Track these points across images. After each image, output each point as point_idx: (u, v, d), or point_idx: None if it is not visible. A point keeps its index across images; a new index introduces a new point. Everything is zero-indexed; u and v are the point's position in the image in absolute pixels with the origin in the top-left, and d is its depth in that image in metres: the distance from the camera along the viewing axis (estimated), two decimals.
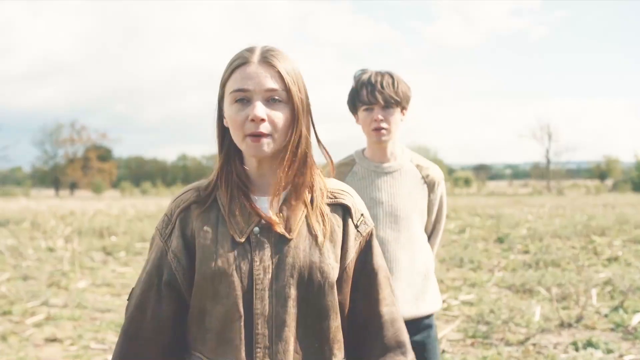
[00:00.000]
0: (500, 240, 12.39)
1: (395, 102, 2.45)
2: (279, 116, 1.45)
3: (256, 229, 1.46)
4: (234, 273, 1.43)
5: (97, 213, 22.92)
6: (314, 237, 1.48)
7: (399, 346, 1.55)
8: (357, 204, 1.58)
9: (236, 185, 1.50)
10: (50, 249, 12.00)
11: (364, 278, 1.55)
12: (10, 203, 33.95)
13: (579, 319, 5.82)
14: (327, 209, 1.52)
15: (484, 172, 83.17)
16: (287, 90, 1.45)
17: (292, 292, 1.44)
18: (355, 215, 1.56)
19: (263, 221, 1.46)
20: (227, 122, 1.49)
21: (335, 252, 1.50)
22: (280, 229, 1.45)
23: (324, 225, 1.50)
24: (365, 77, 2.50)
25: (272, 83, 1.44)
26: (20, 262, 10.31)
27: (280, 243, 1.46)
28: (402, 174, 2.53)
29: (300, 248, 1.46)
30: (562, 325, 5.73)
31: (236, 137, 1.47)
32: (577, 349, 4.94)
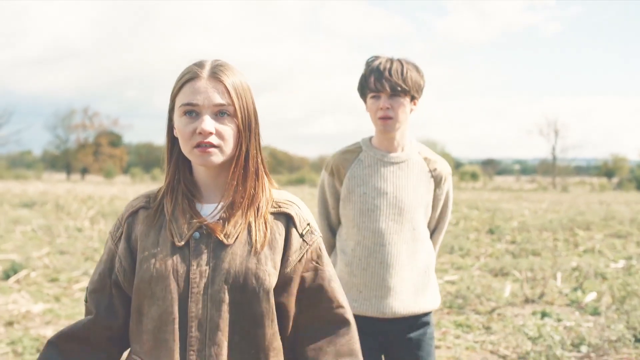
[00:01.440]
0: (491, 231, 13.42)
1: (403, 90, 2.39)
2: (227, 129, 1.49)
3: (196, 234, 1.50)
4: (171, 276, 1.47)
5: (113, 198, 24.06)
6: (253, 244, 1.50)
7: (350, 354, 1.59)
8: (302, 213, 1.61)
9: (182, 192, 1.55)
10: (79, 229, 13.12)
11: (315, 286, 1.58)
12: (26, 185, 35.11)
13: (541, 296, 6.88)
14: (269, 217, 1.56)
15: (492, 166, 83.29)
16: (234, 105, 1.50)
17: (227, 297, 1.47)
18: (300, 224, 1.58)
19: (204, 227, 1.50)
20: (177, 133, 1.53)
21: (274, 260, 1.52)
22: (219, 234, 1.49)
23: (264, 233, 1.53)
24: (375, 63, 2.44)
25: (220, 98, 1.48)
26: (53, 239, 11.44)
27: (218, 248, 1.49)
28: (409, 165, 2.49)
29: (237, 254, 1.49)
30: (527, 301, 6.79)
31: (185, 148, 1.51)
32: (533, 318, 5.99)
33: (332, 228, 2.63)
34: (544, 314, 6.08)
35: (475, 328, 5.66)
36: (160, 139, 1.62)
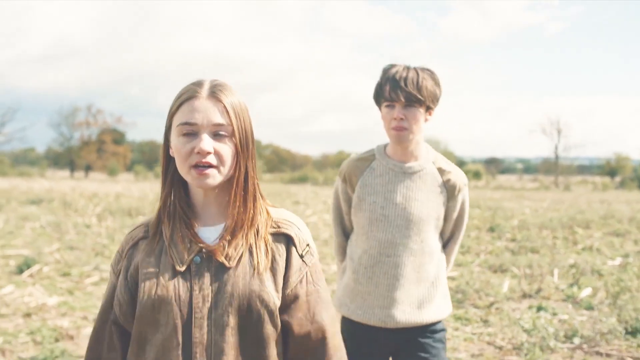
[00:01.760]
0: (491, 229, 13.63)
1: (418, 100, 2.35)
2: (226, 149, 1.47)
3: (197, 258, 1.48)
4: (173, 302, 1.45)
5: (119, 195, 24.30)
6: (255, 266, 1.49)
7: None
8: (302, 234, 1.59)
9: (179, 215, 1.53)
10: (87, 226, 13.37)
11: (316, 311, 1.57)
12: (30, 183, 35.36)
13: (538, 291, 7.10)
14: (269, 238, 1.55)
15: (495, 165, 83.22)
16: (232, 125, 1.48)
17: (231, 320, 1.45)
18: (300, 245, 1.57)
19: (204, 250, 1.49)
20: (173, 152, 1.51)
21: (276, 281, 1.52)
22: (220, 257, 1.48)
23: (265, 254, 1.52)
24: (391, 71, 2.40)
25: (219, 118, 1.47)
26: (62, 236, 11.69)
27: (220, 272, 1.47)
28: (422, 176, 2.45)
29: (240, 277, 1.47)
30: (524, 296, 7.02)
31: (182, 168, 1.49)
32: (529, 312, 6.22)
33: (346, 233, 2.63)
34: (539, 308, 6.31)
35: (473, 321, 5.89)
36: (161, 137, 1.58)
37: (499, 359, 4.82)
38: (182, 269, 1.48)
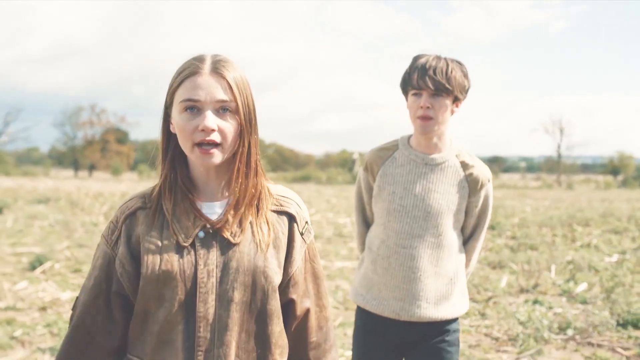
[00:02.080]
0: (492, 227, 13.84)
1: (446, 90, 2.31)
2: (229, 126, 1.46)
3: (201, 233, 1.48)
4: (178, 276, 1.45)
5: (124, 194, 24.56)
6: (259, 243, 1.49)
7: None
8: (302, 211, 1.61)
9: (180, 191, 1.52)
10: (94, 224, 13.62)
11: (312, 287, 1.62)
12: (35, 182, 35.66)
13: (535, 286, 7.33)
14: (272, 216, 1.56)
15: (498, 164, 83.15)
16: (236, 101, 1.47)
17: (236, 295, 1.46)
18: (300, 222, 1.59)
19: (208, 226, 1.48)
20: (175, 129, 1.50)
21: (279, 258, 1.53)
22: (226, 233, 1.48)
23: (268, 231, 1.52)
24: (421, 60, 2.37)
25: (222, 94, 1.45)
26: (71, 234, 11.94)
27: (225, 247, 1.47)
28: (444, 169, 2.42)
29: (244, 252, 1.47)
30: (522, 291, 7.24)
31: (185, 145, 1.48)
32: (525, 305, 6.45)
33: (367, 223, 2.63)
34: (535, 302, 6.53)
35: (471, 314, 6.11)
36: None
37: (495, 350, 5.05)
38: (187, 243, 1.47)
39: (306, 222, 1.62)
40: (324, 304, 1.65)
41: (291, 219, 1.58)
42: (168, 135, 1.54)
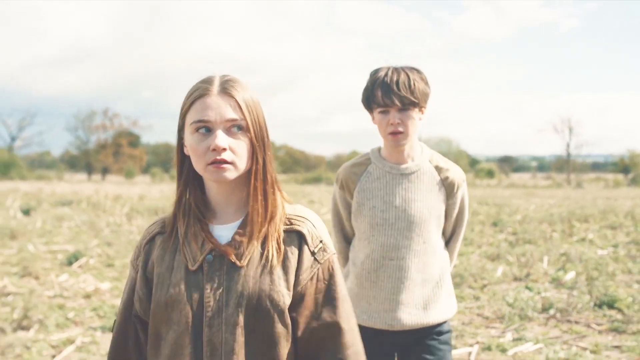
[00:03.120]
0: (494, 224, 14.55)
1: (412, 103, 2.33)
2: (240, 144, 1.48)
3: (209, 256, 1.49)
4: (185, 300, 1.47)
5: (141, 197, 25.43)
6: (266, 265, 1.49)
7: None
8: (315, 230, 1.58)
9: (193, 213, 1.54)
10: (118, 224, 14.45)
11: (325, 309, 1.54)
12: (51, 186, 36.55)
13: (527, 275, 8.06)
14: (282, 235, 1.54)
15: (509, 163, 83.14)
16: (246, 119, 1.49)
17: (241, 319, 1.46)
18: (313, 242, 1.56)
19: (216, 249, 1.50)
20: (188, 151, 1.52)
21: (288, 280, 1.51)
22: (232, 256, 1.48)
23: (277, 252, 1.51)
24: (380, 75, 2.37)
25: (232, 113, 1.47)
26: (98, 233, 12.77)
27: (231, 271, 1.48)
28: (419, 176, 2.44)
29: (250, 275, 1.48)
30: (515, 279, 7.97)
31: (198, 165, 1.49)
32: (516, 291, 7.18)
33: (347, 239, 2.64)
34: (526, 288, 7.26)
35: (466, 298, 6.86)
36: (175, 139, 1.59)
37: (485, 326, 5.79)
38: (194, 267, 1.49)
39: (320, 241, 1.57)
40: (342, 327, 1.54)
41: (301, 238, 1.55)
42: (182, 158, 1.57)
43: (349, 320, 1.57)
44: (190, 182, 1.57)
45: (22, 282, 7.71)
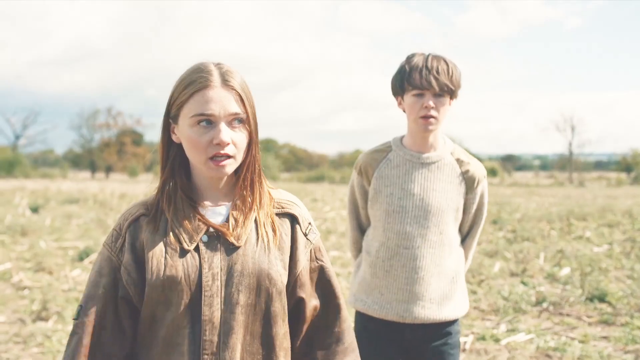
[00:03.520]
0: (494, 221, 14.82)
1: (449, 90, 2.34)
2: (241, 137, 1.50)
3: (204, 237, 1.49)
4: (183, 281, 1.46)
5: (147, 194, 25.65)
6: (263, 245, 1.51)
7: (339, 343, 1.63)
8: (304, 213, 1.63)
9: (181, 198, 1.53)
10: None
11: (323, 284, 1.63)
12: (56, 184, 36.82)
13: (523, 271, 8.34)
14: (275, 218, 1.57)
15: (512, 162, 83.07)
16: (246, 112, 1.50)
17: (241, 298, 1.47)
18: (303, 223, 1.61)
19: (211, 229, 1.50)
20: (184, 142, 1.51)
21: (284, 260, 1.54)
22: (230, 237, 1.49)
23: (273, 233, 1.54)
24: (419, 59, 2.37)
25: (235, 107, 1.48)
26: (106, 230, 13.06)
27: (229, 250, 1.49)
28: (440, 167, 2.42)
29: (249, 255, 1.49)
30: (512, 275, 8.25)
31: (197, 158, 1.49)
32: (511, 285, 7.47)
33: (361, 228, 2.62)
34: (521, 283, 7.54)
35: None
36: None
37: (481, 318, 6.07)
38: (191, 247, 1.48)
39: (309, 223, 1.64)
40: (335, 304, 1.64)
41: (293, 220, 1.61)
42: (168, 145, 1.56)
43: (342, 296, 1.67)
44: (176, 169, 1.56)
45: (36, 276, 8.01)
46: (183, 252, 1.49)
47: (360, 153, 2.74)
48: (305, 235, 1.62)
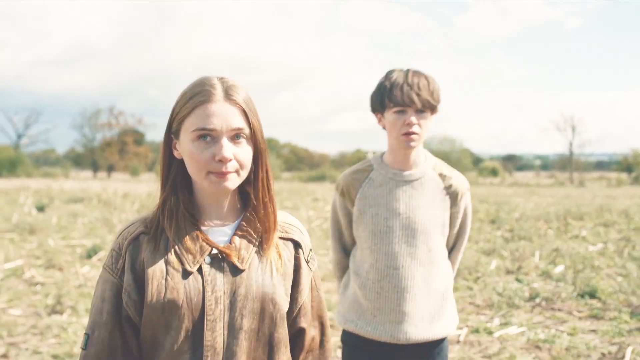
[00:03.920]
0: (493, 221, 15.08)
1: (431, 106, 2.33)
2: (244, 154, 1.45)
3: (207, 258, 1.44)
4: (184, 304, 1.40)
5: (149, 194, 25.96)
6: (267, 269, 1.47)
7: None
8: (306, 239, 1.60)
9: (182, 217, 1.47)
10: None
11: (319, 316, 1.62)
12: (58, 183, 37.06)
13: (519, 268, 8.60)
14: (279, 242, 1.53)
15: (513, 162, 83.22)
16: (251, 127, 1.45)
17: (245, 323, 1.43)
18: (305, 250, 1.57)
19: (215, 251, 1.45)
20: (185, 156, 1.46)
21: (286, 285, 1.50)
22: (234, 259, 1.44)
23: (277, 257, 1.50)
24: (399, 75, 2.34)
25: (238, 122, 1.43)
26: (112, 229, 13.33)
27: (233, 273, 1.44)
28: (423, 183, 2.40)
29: (253, 279, 1.44)
30: (508, 272, 8.52)
31: (197, 174, 1.44)
32: (506, 282, 7.74)
33: (345, 249, 2.59)
34: (516, 280, 7.81)
35: (460, 289, 7.41)
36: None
37: (476, 313, 6.34)
38: (194, 269, 1.43)
39: (310, 250, 1.61)
40: (327, 334, 1.64)
41: (297, 245, 1.58)
42: (170, 160, 1.51)
43: (329, 328, 1.67)
44: (178, 185, 1.51)
45: (47, 273, 8.28)
46: (185, 274, 1.44)
47: (360, 153, 2.87)
48: (307, 262, 1.59)
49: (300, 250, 1.58)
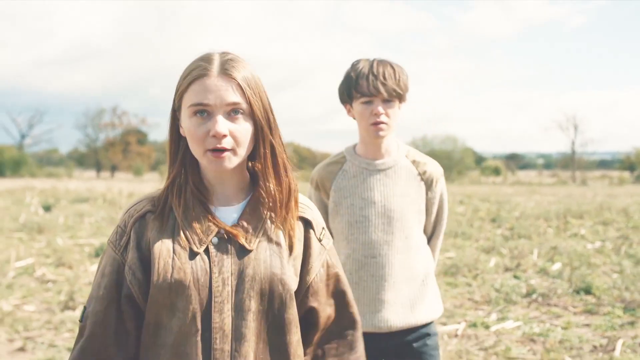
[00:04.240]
0: (493, 220, 15.28)
1: (397, 95, 2.32)
2: (241, 130, 1.41)
3: (215, 239, 1.42)
4: (191, 285, 1.38)
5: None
6: (275, 249, 1.45)
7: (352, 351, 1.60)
8: (317, 217, 1.57)
9: (192, 194, 1.45)
10: None
11: (338, 292, 1.58)
12: (62, 183, 37.29)
13: (517, 266, 8.81)
14: (294, 221, 1.50)
15: (515, 161, 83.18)
16: (249, 102, 1.41)
17: (253, 304, 1.41)
18: (317, 228, 1.55)
19: (222, 231, 1.43)
20: (185, 133, 1.44)
21: (295, 265, 1.48)
22: (241, 239, 1.42)
23: (287, 237, 1.47)
24: (364, 65, 2.35)
25: (233, 96, 1.40)
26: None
27: (241, 254, 1.42)
28: (397, 171, 2.40)
29: (261, 259, 1.42)
30: (506, 270, 8.72)
31: (196, 151, 1.42)
32: (504, 278, 7.95)
33: None
34: (514, 277, 8.02)
35: (460, 285, 7.63)
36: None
37: (474, 308, 6.56)
38: (201, 249, 1.41)
39: (323, 228, 1.59)
40: (349, 312, 1.60)
41: (307, 224, 1.55)
42: (177, 138, 1.49)
43: (353, 306, 1.62)
44: (187, 164, 1.49)
45: (58, 271, 8.51)
46: (192, 254, 1.41)
47: None
48: (320, 240, 1.56)
49: (311, 229, 1.55)
